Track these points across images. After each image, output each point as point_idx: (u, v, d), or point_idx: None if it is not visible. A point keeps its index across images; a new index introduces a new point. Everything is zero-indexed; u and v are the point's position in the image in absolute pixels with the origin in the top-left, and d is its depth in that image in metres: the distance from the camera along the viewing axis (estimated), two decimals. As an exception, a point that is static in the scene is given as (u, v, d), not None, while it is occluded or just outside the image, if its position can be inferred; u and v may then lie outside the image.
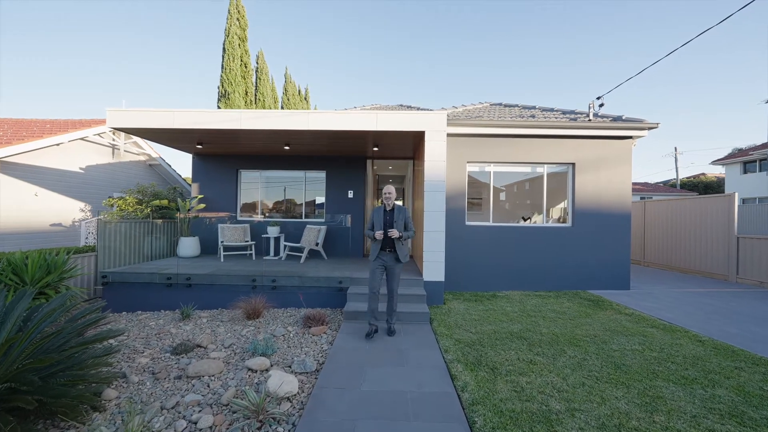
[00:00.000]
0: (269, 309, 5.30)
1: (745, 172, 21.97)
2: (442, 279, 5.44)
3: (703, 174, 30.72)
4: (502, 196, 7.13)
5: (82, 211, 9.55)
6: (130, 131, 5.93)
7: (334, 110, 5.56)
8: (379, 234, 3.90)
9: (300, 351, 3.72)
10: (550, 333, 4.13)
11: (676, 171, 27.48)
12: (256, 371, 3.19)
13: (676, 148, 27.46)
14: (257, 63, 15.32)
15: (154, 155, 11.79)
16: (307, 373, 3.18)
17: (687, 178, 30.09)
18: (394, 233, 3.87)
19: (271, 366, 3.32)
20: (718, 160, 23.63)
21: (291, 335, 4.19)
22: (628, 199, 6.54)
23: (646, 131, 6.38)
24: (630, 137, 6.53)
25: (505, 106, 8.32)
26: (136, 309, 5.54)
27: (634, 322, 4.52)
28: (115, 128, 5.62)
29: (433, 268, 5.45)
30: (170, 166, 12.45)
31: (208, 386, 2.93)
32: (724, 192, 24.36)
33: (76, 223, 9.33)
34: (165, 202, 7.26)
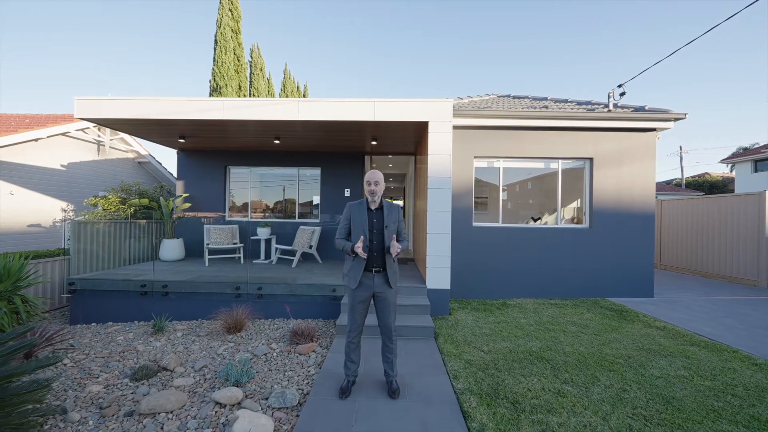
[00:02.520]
0: (254, 320, 4.74)
1: (756, 170, 21.25)
2: (448, 287, 4.87)
3: (707, 174, 30.07)
4: (504, 196, 6.53)
5: (64, 211, 8.99)
6: (102, 122, 5.37)
7: (328, 98, 4.99)
8: (360, 249, 2.53)
9: (282, 376, 3.14)
10: (576, 352, 3.54)
11: (681, 170, 26.86)
12: (224, 406, 2.62)
13: (681, 147, 26.86)
14: (251, 57, 14.76)
15: (143, 152, 11.23)
16: (287, 408, 2.61)
17: (692, 177, 29.44)
18: (395, 248, 2.54)
19: (245, 397, 2.75)
20: (727, 158, 22.98)
21: (274, 354, 3.62)
22: (652, 198, 5.95)
23: (672, 122, 5.78)
24: (653, 129, 5.94)
25: (514, 97, 7.73)
26: (107, 320, 4.98)
27: (669, 339, 3.93)
28: (84, 119, 5.07)
29: (438, 274, 4.88)
30: (161, 163, 11.91)
31: (162, 429, 2.36)
32: (733, 191, 23.67)
33: (57, 224, 8.79)
34: (145, 201, 6.70)
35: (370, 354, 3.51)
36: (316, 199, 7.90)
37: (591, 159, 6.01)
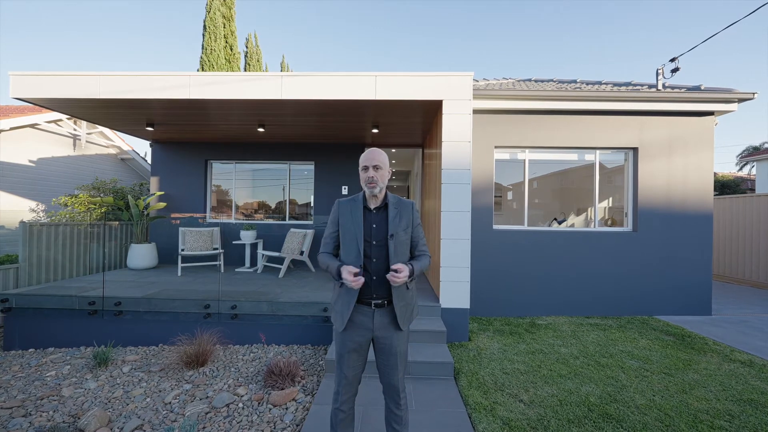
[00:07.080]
0: (226, 347, 3.82)
1: (780, 168, 20.03)
2: (467, 305, 3.90)
3: (715, 173, 28.85)
4: (510, 195, 5.58)
5: (33, 211, 8.14)
6: (45, 104, 4.45)
7: (318, 72, 4.06)
8: (351, 276, 1.56)
9: (243, 447, 2.20)
10: (653, 406, 2.57)
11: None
12: None
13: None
14: (247, 47, 13.88)
15: (125, 148, 10.35)
16: None
17: (699, 176, 28.06)
18: (399, 274, 1.55)
19: (179, 494, 1.81)
20: (745, 156, 21.88)
21: (240, 406, 2.68)
22: (710, 195, 4.96)
23: (736, 104, 4.80)
24: (711, 113, 4.95)
25: (536, 81, 6.75)
26: (48, 344, 4.07)
27: (766, 381, 2.96)
28: (22, 99, 4.16)
29: (455, 290, 3.92)
30: (146, 160, 11.05)
31: None
32: (745, 192, 22.47)
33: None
34: (109, 200, 5.79)
35: (368, 403, 2.57)
36: (308, 198, 6.97)
37: (635, 149, 5.03)
